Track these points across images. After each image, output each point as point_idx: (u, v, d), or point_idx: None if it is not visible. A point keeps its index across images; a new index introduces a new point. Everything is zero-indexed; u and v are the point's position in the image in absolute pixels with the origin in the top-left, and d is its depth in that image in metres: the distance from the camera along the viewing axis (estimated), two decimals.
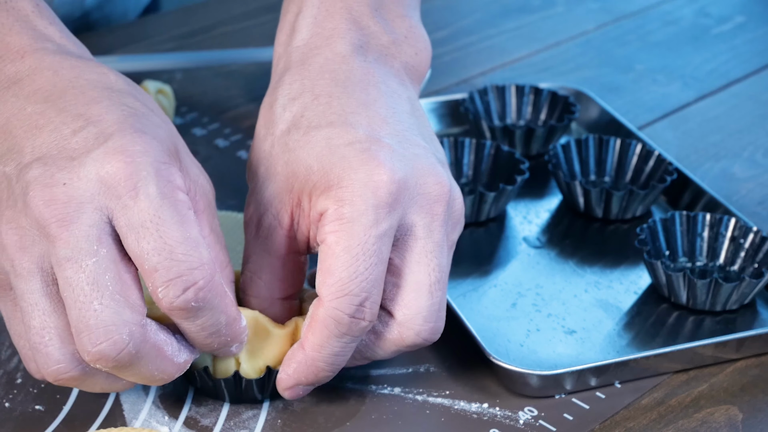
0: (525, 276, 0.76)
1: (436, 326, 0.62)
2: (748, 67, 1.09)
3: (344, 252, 0.58)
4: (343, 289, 0.58)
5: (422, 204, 0.61)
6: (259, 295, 0.63)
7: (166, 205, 0.55)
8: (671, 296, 0.73)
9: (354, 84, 0.65)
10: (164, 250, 0.54)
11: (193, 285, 0.55)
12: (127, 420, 0.63)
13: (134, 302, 0.55)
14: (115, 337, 0.54)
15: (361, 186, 0.59)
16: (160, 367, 0.58)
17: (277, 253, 0.63)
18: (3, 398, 0.64)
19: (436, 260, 0.61)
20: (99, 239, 0.55)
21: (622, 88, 1.05)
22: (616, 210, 0.82)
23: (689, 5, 1.23)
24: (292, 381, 0.62)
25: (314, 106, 0.64)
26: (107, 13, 1.15)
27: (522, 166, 0.82)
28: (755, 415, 0.66)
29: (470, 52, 1.12)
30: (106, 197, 0.55)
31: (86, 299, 0.54)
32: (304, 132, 0.63)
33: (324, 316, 0.59)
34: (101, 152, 0.55)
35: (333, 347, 0.60)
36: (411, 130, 0.64)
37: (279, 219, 0.63)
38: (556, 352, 0.69)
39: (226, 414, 0.64)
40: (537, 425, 0.64)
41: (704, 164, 0.92)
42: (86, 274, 0.54)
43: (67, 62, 0.60)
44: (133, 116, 0.57)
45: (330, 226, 0.59)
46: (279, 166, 0.63)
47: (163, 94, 0.92)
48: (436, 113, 0.95)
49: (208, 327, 0.57)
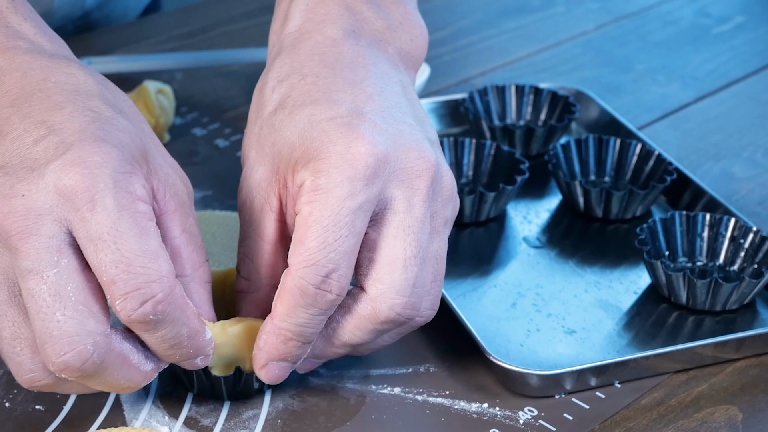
0: (525, 276, 0.76)
1: (410, 301, 0.60)
2: (748, 67, 1.09)
3: (315, 222, 0.58)
4: (310, 258, 0.58)
5: (403, 178, 0.60)
6: (250, 278, 0.63)
7: (124, 218, 0.54)
8: (671, 296, 0.73)
9: (343, 65, 0.64)
10: (122, 263, 0.54)
11: (151, 298, 0.55)
12: (127, 420, 0.63)
13: (98, 312, 0.55)
14: (79, 348, 0.54)
15: (338, 158, 0.59)
16: (126, 376, 0.58)
17: (268, 238, 0.63)
18: (3, 398, 0.64)
19: (414, 235, 0.60)
20: (59, 250, 0.54)
21: (622, 88, 1.05)
22: (616, 210, 0.82)
23: (689, 5, 1.23)
24: (264, 356, 0.61)
25: (300, 86, 0.63)
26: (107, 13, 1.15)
27: (522, 166, 0.82)
28: (755, 415, 0.66)
29: (470, 52, 1.12)
30: (65, 209, 0.54)
31: (49, 310, 0.54)
32: (289, 111, 0.62)
33: (290, 286, 0.58)
34: (59, 164, 0.55)
35: (299, 317, 0.59)
36: (398, 107, 0.63)
37: (269, 202, 0.62)
38: (556, 352, 0.69)
39: (226, 414, 0.64)
40: (537, 425, 0.64)
41: (704, 164, 0.92)
42: (48, 285, 0.54)
43: (37, 63, 0.60)
44: (96, 122, 0.57)
45: (306, 197, 0.59)
46: (267, 148, 0.63)
47: (163, 94, 0.92)
48: (436, 113, 0.95)
49: (168, 339, 0.57)
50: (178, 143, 0.92)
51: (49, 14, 1.04)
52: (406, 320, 0.61)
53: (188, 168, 0.88)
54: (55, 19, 1.06)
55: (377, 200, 0.60)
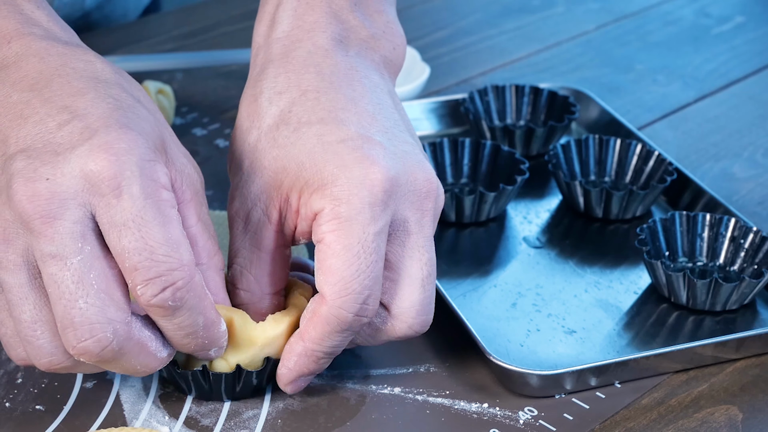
0: (525, 276, 0.76)
1: (426, 319, 0.63)
2: (748, 67, 1.09)
3: (345, 251, 0.59)
4: (347, 288, 0.59)
5: (413, 200, 0.62)
6: (250, 289, 0.64)
7: (149, 205, 0.55)
8: (671, 296, 0.73)
9: (340, 79, 0.65)
10: (145, 250, 0.55)
11: (171, 285, 0.55)
12: (128, 420, 0.63)
13: (119, 299, 0.56)
14: (99, 335, 0.55)
15: (357, 184, 0.60)
16: (143, 362, 0.58)
17: (267, 248, 0.63)
18: (3, 398, 0.64)
19: (428, 254, 0.62)
20: (83, 236, 0.55)
21: (622, 88, 1.05)
22: (616, 210, 0.82)
23: (689, 5, 1.24)
24: (293, 374, 0.63)
25: (302, 101, 0.64)
26: (107, 13, 1.15)
27: (522, 166, 0.82)
28: (755, 415, 0.66)
29: (470, 52, 1.12)
30: (90, 194, 0.55)
31: (71, 297, 0.54)
32: (294, 128, 0.63)
33: (327, 314, 0.60)
34: (86, 149, 0.55)
35: (333, 341, 0.61)
36: (398, 126, 0.65)
37: (268, 214, 0.63)
38: (556, 352, 0.69)
39: (226, 414, 0.64)
40: (537, 425, 0.64)
41: (704, 164, 0.92)
42: (71, 272, 0.54)
43: (54, 49, 0.60)
44: (119, 110, 0.57)
45: (327, 225, 0.60)
46: (266, 160, 0.63)
47: (163, 94, 0.92)
48: (436, 113, 0.95)
49: (185, 327, 0.58)
50: None
51: None
52: (416, 336, 0.63)
53: None
54: None
55: (391, 222, 0.61)
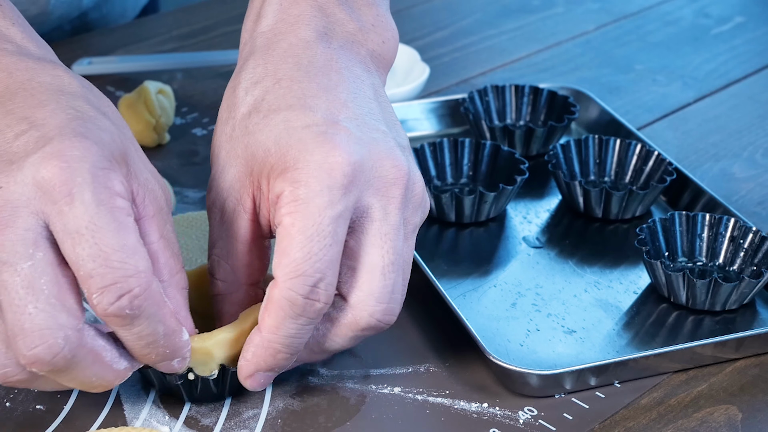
0: (525, 276, 0.76)
1: (389, 307, 0.61)
2: (747, 67, 1.10)
3: (299, 233, 0.58)
4: (297, 269, 0.58)
5: (378, 187, 0.61)
6: (227, 280, 0.63)
7: (102, 212, 0.54)
8: (671, 296, 0.73)
9: (316, 69, 0.64)
10: (99, 257, 0.54)
11: (128, 292, 0.55)
12: (128, 420, 0.63)
13: (71, 306, 0.55)
14: (50, 341, 0.54)
15: (316, 167, 0.59)
16: (98, 373, 0.57)
17: (243, 238, 0.63)
18: (4, 398, 0.64)
19: (391, 242, 0.61)
20: (35, 243, 0.54)
21: (622, 88, 1.05)
22: (616, 210, 0.82)
23: (689, 5, 1.24)
24: (252, 367, 0.61)
25: (275, 89, 0.63)
26: (105, 13, 1.15)
27: (522, 166, 0.82)
28: (755, 414, 0.66)
29: (470, 52, 1.12)
30: (42, 202, 0.54)
31: (21, 302, 0.54)
32: (264, 115, 0.62)
33: (279, 297, 0.59)
34: (39, 156, 0.55)
35: (289, 329, 0.60)
36: (372, 114, 0.64)
37: (242, 203, 0.63)
38: (555, 352, 0.69)
39: (226, 414, 0.64)
40: (537, 425, 0.64)
41: (704, 164, 0.92)
42: (21, 277, 0.54)
43: (23, 64, 0.60)
44: (78, 119, 0.57)
45: (286, 207, 0.59)
46: (239, 149, 0.63)
47: (163, 94, 0.92)
48: (436, 113, 0.95)
49: (144, 336, 0.57)
50: (178, 143, 0.92)
51: (46, 14, 1.04)
52: (384, 326, 0.62)
53: (188, 168, 0.89)
54: (52, 18, 1.06)
55: (354, 208, 0.60)
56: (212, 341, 0.61)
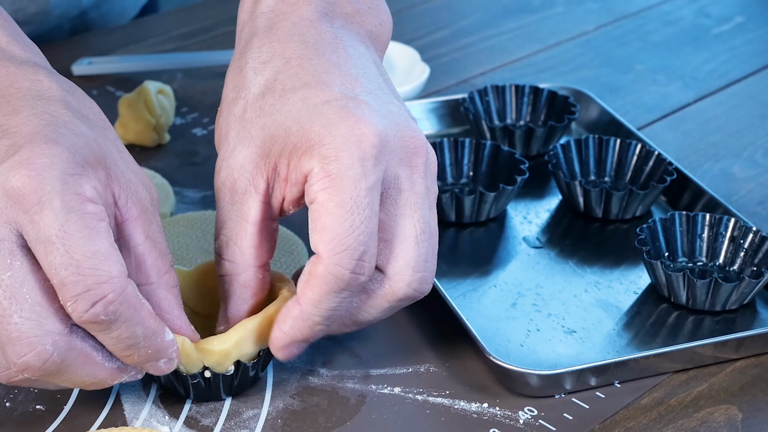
0: (525, 276, 0.76)
1: (424, 276, 0.62)
2: (747, 67, 1.10)
3: (338, 207, 0.58)
4: (343, 243, 0.58)
5: (402, 157, 0.62)
6: (235, 260, 0.63)
7: (72, 219, 0.54)
8: (671, 296, 0.73)
9: (324, 46, 0.65)
10: (71, 265, 0.54)
11: (101, 299, 0.55)
12: (128, 420, 0.63)
13: (56, 311, 0.55)
14: (38, 348, 0.55)
15: (345, 141, 0.59)
16: (90, 373, 0.58)
17: (253, 219, 0.63)
18: (4, 398, 0.65)
19: (420, 212, 0.62)
20: (11, 252, 0.54)
21: (622, 88, 1.05)
22: (616, 210, 0.82)
23: (689, 5, 1.24)
24: (287, 338, 0.61)
25: (286, 69, 0.63)
26: (105, 12, 1.15)
27: (522, 166, 0.82)
28: (755, 414, 0.66)
29: (470, 52, 1.12)
30: (14, 211, 0.54)
31: (5, 313, 0.54)
32: (280, 95, 0.62)
33: (324, 273, 0.59)
34: (8, 165, 0.54)
35: (331, 302, 0.60)
36: (382, 88, 0.64)
37: (254, 184, 0.62)
38: (556, 352, 0.69)
39: (226, 414, 0.64)
40: (537, 425, 0.64)
41: (704, 164, 0.92)
42: (2, 288, 0.54)
43: (4, 70, 0.60)
44: (51, 125, 0.56)
45: (319, 184, 0.59)
46: (254, 130, 0.63)
47: (163, 94, 0.92)
48: (436, 113, 0.95)
49: (124, 339, 0.57)
50: (178, 143, 0.92)
51: (45, 12, 1.04)
52: (420, 295, 0.62)
53: (188, 168, 0.89)
54: (51, 17, 1.06)
55: (383, 179, 0.61)
56: (232, 343, 0.61)
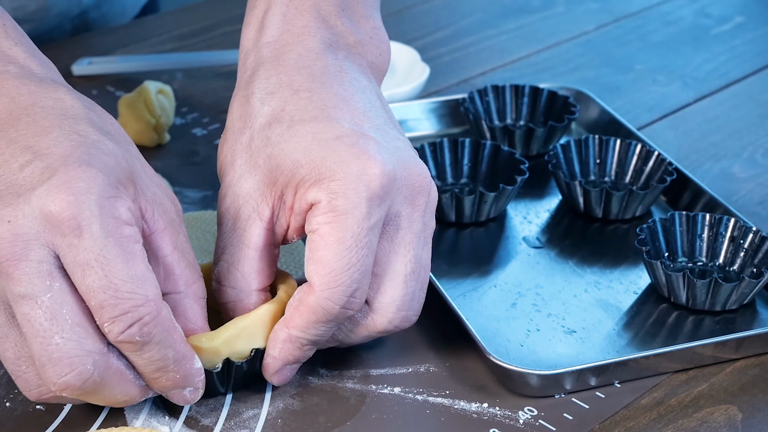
0: (525, 276, 0.76)
1: (407, 315, 0.64)
2: (748, 67, 1.10)
3: (338, 243, 0.60)
4: (336, 280, 0.60)
5: (406, 195, 0.63)
6: (237, 286, 0.64)
7: (110, 244, 0.55)
8: (671, 296, 0.73)
9: (330, 79, 0.65)
10: (109, 288, 0.55)
11: (138, 321, 0.56)
12: (128, 420, 0.63)
13: (94, 331, 0.56)
14: (80, 368, 0.56)
15: (355, 179, 0.60)
16: (123, 390, 0.59)
17: (256, 246, 0.63)
18: (4, 398, 0.65)
19: (413, 251, 0.63)
20: (50, 274, 0.55)
21: (622, 88, 1.05)
22: (616, 210, 0.82)
23: (689, 5, 1.24)
24: (279, 363, 0.63)
25: (294, 100, 0.64)
26: (105, 12, 1.15)
27: (522, 166, 0.82)
28: (755, 414, 0.66)
29: (470, 52, 1.12)
30: (52, 235, 0.55)
31: (46, 334, 0.55)
32: (288, 126, 0.63)
33: (314, 304, 0.60)
34: (45, 189, 0.55)
35: (318, 330, 0.62)
36: (387, 124, 0.65)
37: (259, 212, 0.63)
38: (556, 352, 0.69)
39: (226, 414, 0.64)
40: (537, 425, 0.64)
41: (704, 164, 0.92)
42: (43, 310, 0.55)
43: (26, 88, 0.60)
44: (82, 146, 0.57)
45: (323, 217, 0.60)
46: (260, 159, 0.63)
47: (163, 94, 0.92)
48: (436, 113, 0.95)
49: (155, 361, 0.58)
50: (178, 143, 0.92)
51: (44, 10, 1.04)
52: (399, 331, 0.65)
53: (188, 168, 0.89)
54: (51, 15, 1.06)
55: (384, 217, 0.62)
56: (220, 340, 0.62)
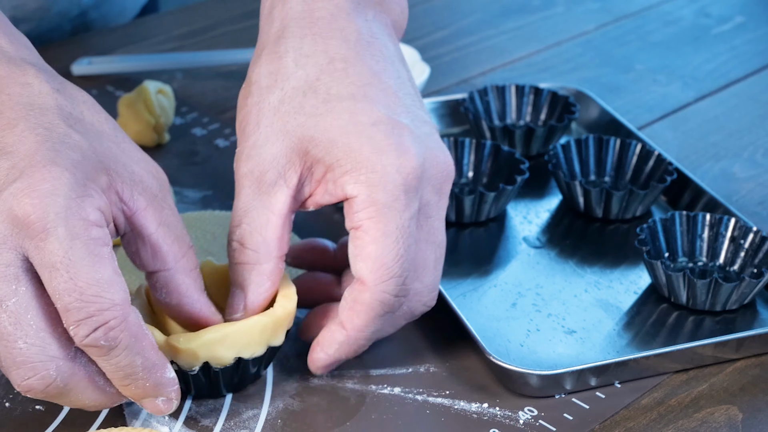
0: (525, 276, 0.76)
1: (435, 295, 0.66)
2: (748, 67, 1.09)
3: (384, 237, 0.61)
4: (390, 272, 0.61)
5: (434, 183, 0.64)
6: (258, 250, 0.63)
7: (76, 246, 0.55)
8: (671, 296, 0.73)
9: (363, 48, 0.65)
10: (75, 291, 0.54)
11: (103, 324, 0.55)
12: (128, 420, 0.63)
13: (60, 335, 0.56)
14: (42, 373, 0.56)
15: (393, 171, 0.61)
16: (91, 397, 0.58)
17: (279, 212, 0.63)
18: (3, 398, 0.65)
19: (440, 236, 0.65)
20: (17, 278, 0.55)
21: (622, 88, 1.05)
22: (616, 210, 0.82)
23: (689, 5, 1.24)
24: (331, 360, 0.64)
25: (330, 70, 0.64)
26: (105, 12, 1.15)
27: (522, 166, 0.82)
28: (755, 414, 0.66)
29: (470, 52, 1.12)
30: (19, 237, 0.55)
31: (11, 338, 0.55)
32: (324, 99, 0.63)
33: (370, 300, 0.62)
34: (10, 192, 0.55)
35: (376, 326, 0.63)
36: (415, 102, 0.66)
37: (285, 177, 0.63)
38: (556, 352, 0.69)
39: (226, 414, 0.64)
40: (537, 425, 0.64)
41: (704, 164, 0.92)
42: (8, 314, 0.55)
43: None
44: (48, 141, 0.57)
45: (365, 212, 0.61)
46: (290, 125, 0.63)
47: (163, 94, 0.92)
48: (436, 113, 0.95)
49: (123, 367, 0.57)
50: (178, 143, 0.92)
51: (44, 9, 1.04)
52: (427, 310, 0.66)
53: (188, 168, 0.89)
54: (51, 14, 1.06)
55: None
56: (198, 343, 0.61)
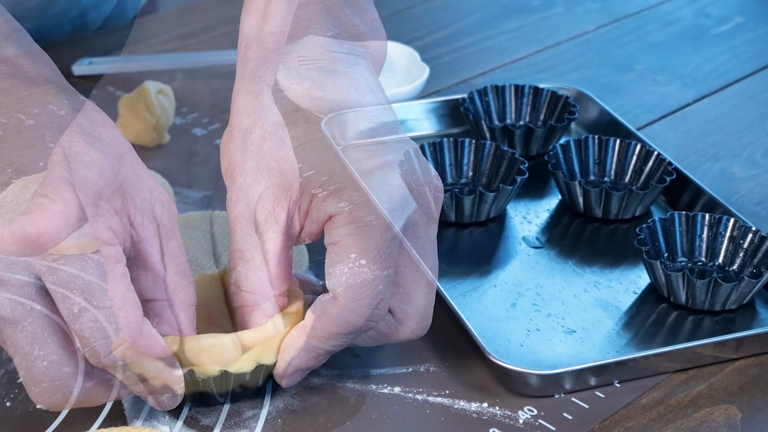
0: (525, 276, 0.76)
1: (427, 324, 0.64)
2: (747, 67, 1.09)
3: (362, 255, 0.59)
4: (361, 292, 0.59)
5: (421, 204, 0.62)
6: (255, 291, 0.63)
7: (89, 266, 0.55)
8: (670, 296, 0.73)
9: (341, 77, 0.65)
10: (89, 312, 0.55)
11: (119, 346, 0.56)
12: (128, 419, 0.63)
13: (78, 350, 0.56)
14: (63, 391, 0.56)
15: (377, 189, 0.60)
16: (107, 395, 0.60)
17: (274, 250, 0.63)
18: (4, 398, 0.65)
19: (432, 259, 0.63)
20: (31, 297, 0.55)
21: (621, 88, 1.05)
22: (616, 210, 0.82)
23: (689, 5, 1.24)
24: (291, 368, 0.62)
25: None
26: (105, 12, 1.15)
27: (522, 166, 0.82)
28: (754, 414, 0.66)
29: (470, 52, 1.12)
30: (32, 257, 0.55)
31: (29, 357, 0.55)
32: (303, 129, 0.63)
33: (338, 315, 0.60)
34: (23, 212, 0.55)
35: (338, 341, 0.61)
36: (397, 126, 0.65)
37: (275, 215, 0.63)
38: (555, 352, 0.69)
39: (226, 414, 0.64)
40: (537, 425, 0.64)
41: (704, 164, 0.92)
42: (24, 334, 0.55)
43: (14, 93, 0.60)
44: (64, 161, 0.57)
45: (345, 228, 0.60)
46: (273, 162, 0.63)
47: (163, 94, 0.92)
48: (436, 113, 0.95)
49: (137, 374, 0.58)
50: (178, 143, 0.92)
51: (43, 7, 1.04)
52: (416, 339, 0.64)
53: (188, 168, 0.89)
54: (49, 14, 1.06)
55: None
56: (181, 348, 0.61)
